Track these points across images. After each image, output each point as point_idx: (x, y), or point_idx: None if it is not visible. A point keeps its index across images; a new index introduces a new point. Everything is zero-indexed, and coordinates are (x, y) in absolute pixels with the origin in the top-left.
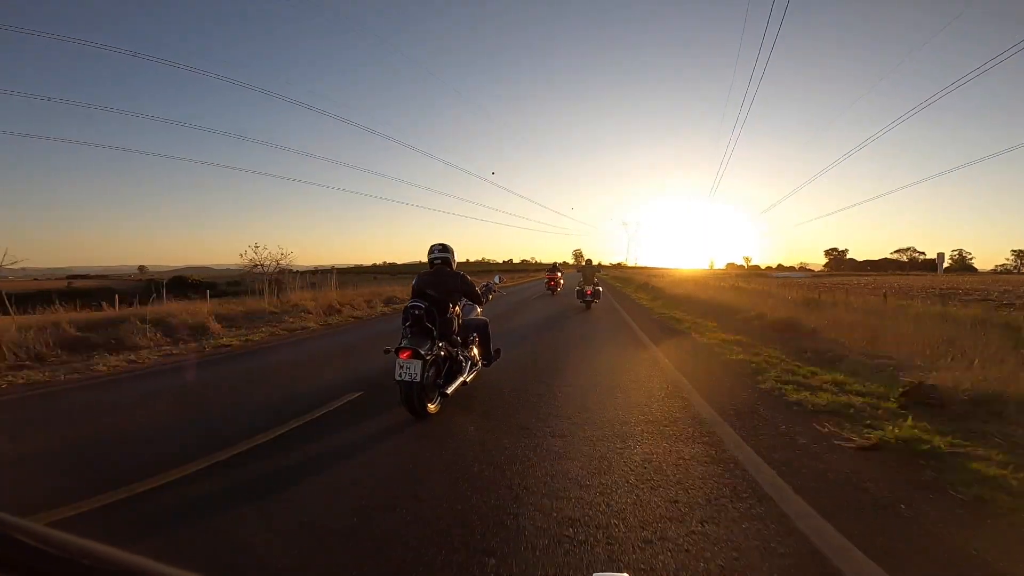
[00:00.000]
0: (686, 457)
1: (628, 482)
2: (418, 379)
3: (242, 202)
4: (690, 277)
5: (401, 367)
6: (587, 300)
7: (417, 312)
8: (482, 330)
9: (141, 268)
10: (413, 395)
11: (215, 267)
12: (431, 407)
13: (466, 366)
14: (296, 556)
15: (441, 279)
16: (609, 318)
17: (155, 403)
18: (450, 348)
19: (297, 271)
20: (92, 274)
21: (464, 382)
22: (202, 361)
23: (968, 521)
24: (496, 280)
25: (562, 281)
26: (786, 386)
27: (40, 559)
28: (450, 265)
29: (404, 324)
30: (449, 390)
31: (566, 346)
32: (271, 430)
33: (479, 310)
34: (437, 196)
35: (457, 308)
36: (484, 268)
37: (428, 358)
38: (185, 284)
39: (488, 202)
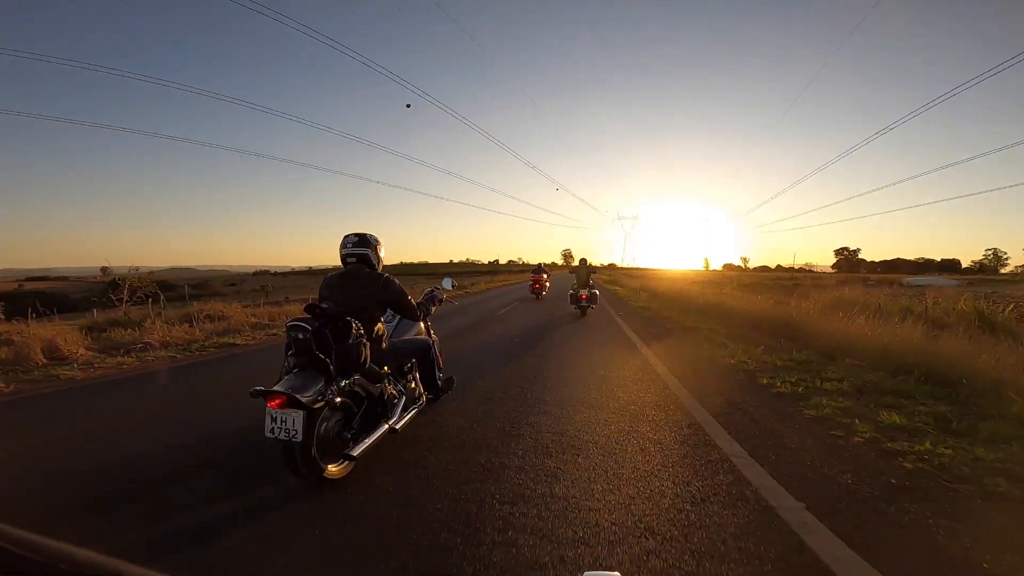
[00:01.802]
0: None
1: None
2: (299, 437)
3: (240, 202)
4: (734, 281)
5: (273, 419)
6: (582, 306)
7: (301, 336)
8: (423, 354)
9: (104, 269)
10: (296, 458)
11: (199, 268)
12: (333, 469)
13: (398, 405)
14: None
15: (354, 285)
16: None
17: None
18: (369, 384)
19: (278, 272)
20: (53, 275)
21: (392, 430)
22: None
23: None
24: (446, 285)
25: (548, 284)
26: None
27: (19, 563)
28: (370, 264)
29: (287, 354)
30: (358, 451)
31: (556, 376)
32: None
33: (422, 327)
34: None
35: (380, 326)
36: (467, 269)
37: (318, 405)
38: (116, 287)
39: (477, 181)
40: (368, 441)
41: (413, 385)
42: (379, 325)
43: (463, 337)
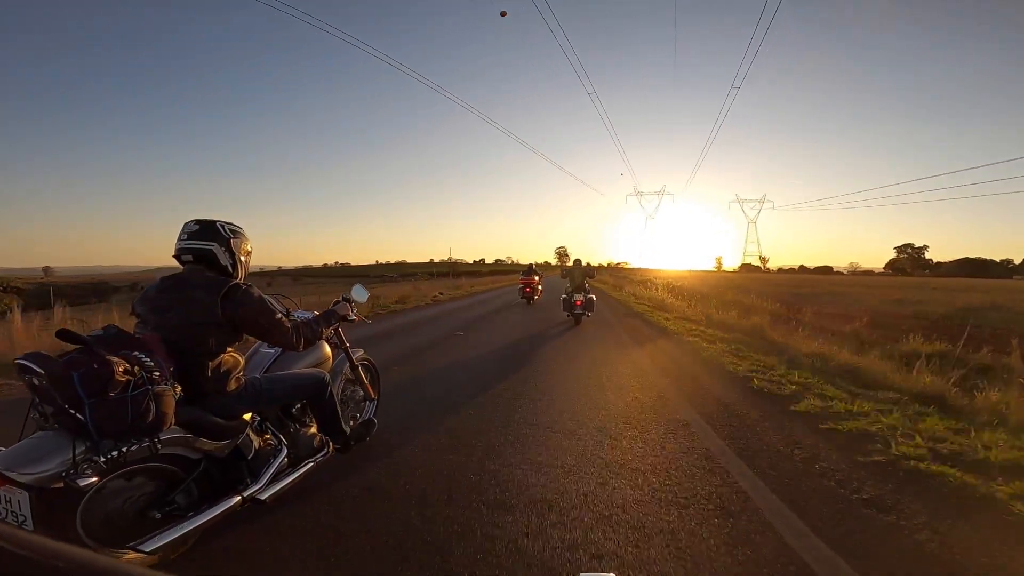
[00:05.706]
0: None
1: None
2: (31, 525)
3: (243, 201)
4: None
5: None
6: (576, 313)
7: (37, 382)
8: (314, 394)
9: (46, 270)
10: None
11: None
12: (132, 557)
13: (271, 466)
14: None
15: (179, 296)
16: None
17: None
18: (208, 441)
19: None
20: None
21: (252, 500)
22: None
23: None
24: (357, 295)
25: (540, 288)
26: None
27: (19, 563)
28: (217, 265)
29: (31, 404)
30: (156, 545)
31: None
32: None
33: (327, 351)
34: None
35: (227, 356)
36: (455, 271)
37: (57, 485)
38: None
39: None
40: (191, 525)
41: (312, 431)
42: (225, 356)
43: (441, 349)
